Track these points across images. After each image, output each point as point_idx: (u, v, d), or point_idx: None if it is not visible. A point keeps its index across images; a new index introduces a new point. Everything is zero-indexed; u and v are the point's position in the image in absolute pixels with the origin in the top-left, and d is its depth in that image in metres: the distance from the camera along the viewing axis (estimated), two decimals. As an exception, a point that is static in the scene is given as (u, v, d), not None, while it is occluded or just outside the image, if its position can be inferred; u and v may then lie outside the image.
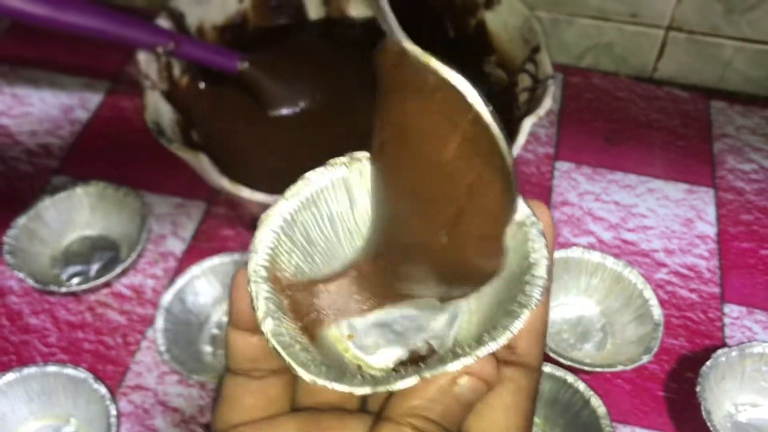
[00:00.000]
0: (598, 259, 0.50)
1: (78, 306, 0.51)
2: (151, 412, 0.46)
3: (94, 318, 0.50)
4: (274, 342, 0.24)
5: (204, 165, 0.46)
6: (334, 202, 0.27)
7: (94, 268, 0.53)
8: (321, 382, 0.23)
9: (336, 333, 0.27)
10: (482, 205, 0.24)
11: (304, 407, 0.27)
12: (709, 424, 0.43)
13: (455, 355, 0.23)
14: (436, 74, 0.23)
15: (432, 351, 0.26)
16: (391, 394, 0.25)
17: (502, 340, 0.22)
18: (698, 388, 0.44)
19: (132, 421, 0.46)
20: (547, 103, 0.50)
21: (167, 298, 0.48)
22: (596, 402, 0.44)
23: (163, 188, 0.57)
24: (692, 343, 0.50)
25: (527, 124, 0.48)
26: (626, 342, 0.49)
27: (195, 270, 0.49)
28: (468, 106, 0.23)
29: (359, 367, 0.26)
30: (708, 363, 0.45)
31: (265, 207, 0.50)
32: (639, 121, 0.63)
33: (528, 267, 0.24)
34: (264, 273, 0.25)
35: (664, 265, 0.54)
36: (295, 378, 0.27)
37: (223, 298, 0.50)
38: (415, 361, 0.26)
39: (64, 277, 0.52)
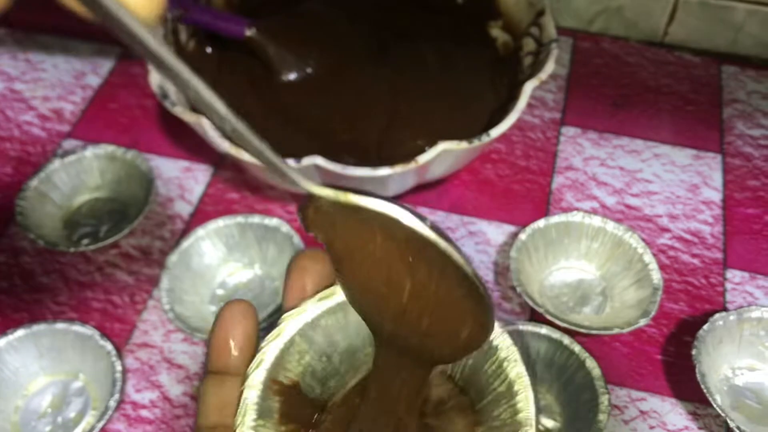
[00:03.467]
0: (598, 224, 0.50)
1: (87, 266, 0.52)
2: (156, 369, 0.48)
3: (103, 278, 0.52)
4: None
5: (206, 128, 0.47)
6: None
7: (104, 229, 0.54)
8: None
9: None
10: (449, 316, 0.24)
11: None
12: (702, 386, 0.43)
13: None
14: (363, 208, 0.23)
15: None
16: None
17: None
18: (694, 351, 0.44)
19: (138, 376, 0.47)
20: (550, 67, 0.50)
21: (172, 259, 0.49)
22: (591, 364, 0.44)
23: (171, 152, 0.58)
24: (692, 308, 0.50)
25: (528, 88, 0.48)
26: (625, 306, 0.49)
27: (200, 232, 0.50)
28: (404, 228, 0.22)
29: None
30: (705, 326, 0.46)
31: (264, 169, 0.50)
32: (648, 86, 0.63)
33: None
34: (263, 377, 0.26)
35: (667, 230, 0.54)
36: None
37: (227, 260, 0.51)
38: None
39: (74, 238, 0.53)
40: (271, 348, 0.27)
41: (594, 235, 0.51)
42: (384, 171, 0.45)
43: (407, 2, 0.62)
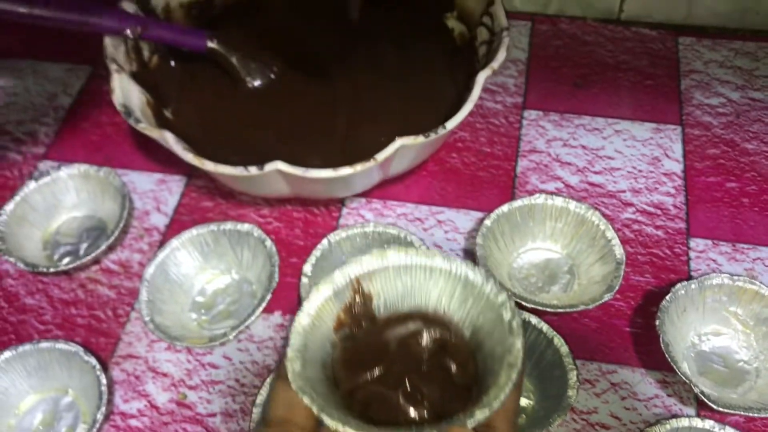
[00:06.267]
0: (561, 204, 0.52)
1: (70, 284, 0.54)
2: (142, 379, 0.49)
3: (86, 294, 0.53)
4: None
5: (169, 141, 0.48)
6: None
7: (83, 247, 0.55)
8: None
9: None
10: None
11: None
12: (667, 355, 0.45)
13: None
14: None
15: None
16: None
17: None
18: (657, 322, 0.46)
19: (125, 387, 0.49)
20: (501, 56, 0.51)
21: (149, 271, 0.51)
22: (559, 342, 0.46)
23: (145, 166, 0.60)
24: (658, 279, 0.51)
25: (481, 78, 0.49)
26: (592, 282, 0.50)
27: (174, 243, 0.52)
28: None
29: None
30: (668, 297, 0.47)
31: (230, 177, 0.52)
32: (607, 64, 0.64)
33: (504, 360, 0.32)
34: (354, 272, 0.35)
35: (630, 204, 0.55)
36: None
37: (204, 267, 0.53)
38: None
39: (55, 257, 0.55)
40: (369, 259, 0.35)
41: (557, 215, 0.52)
42: (345, 171, 0.47)
43: (364, 2, 0.63)
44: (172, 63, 0.59)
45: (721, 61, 0.63)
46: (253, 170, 0.47)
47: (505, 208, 0.52)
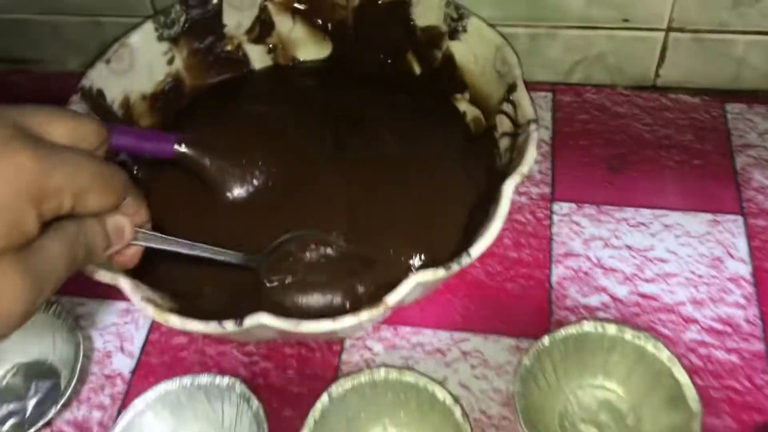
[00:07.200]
0: (613, 332, 0.42)
1: (15, 455, 0.44)
2: None
3: (34, 470, 0.43)
4: None
5: (126, 290, 0.38)
6: None
7: (32, 403, 0.46)
8: None
9: None
10: None
11: None
12: None
13: None
14: None
15: None
16: None
17: None
18: (754, 496, 0.36)
19: None
20: (531, 156, 0.42)
21: (109, 445, 0.41)
22: None
23: (105, 293, 0.50)
24: (739, 422, 0.42)
25: (509, 188, 0.40)
26: (659, 430, 0.40)
27: (138, 404, 0.42)
28: None
29: None
30: (762, 458, 0.37)
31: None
32: (645, 140, 0.55)
33: None
34: None
35: (693, 320, 0.46)
36: None
37: (177, 430, 0.43)
38: None
39: (-2, 418, 0.45)
40: None
41: (611, 346, 0.42)
42: (347, 321, 0.37)
43: (359, 82, 0.54)
44: (135, 171, 0.50)
45: (779, 131, 0.54)
46: (229, 326, 0.37)
47: (546, 341, 0.42)
